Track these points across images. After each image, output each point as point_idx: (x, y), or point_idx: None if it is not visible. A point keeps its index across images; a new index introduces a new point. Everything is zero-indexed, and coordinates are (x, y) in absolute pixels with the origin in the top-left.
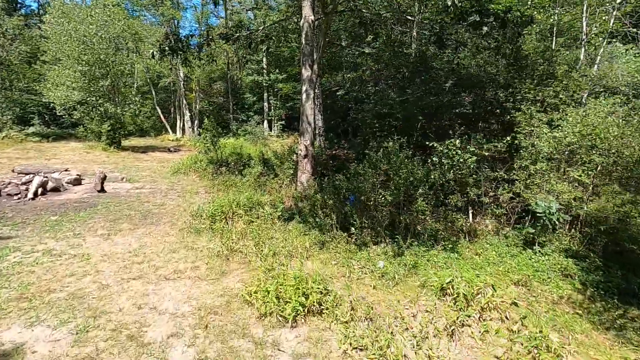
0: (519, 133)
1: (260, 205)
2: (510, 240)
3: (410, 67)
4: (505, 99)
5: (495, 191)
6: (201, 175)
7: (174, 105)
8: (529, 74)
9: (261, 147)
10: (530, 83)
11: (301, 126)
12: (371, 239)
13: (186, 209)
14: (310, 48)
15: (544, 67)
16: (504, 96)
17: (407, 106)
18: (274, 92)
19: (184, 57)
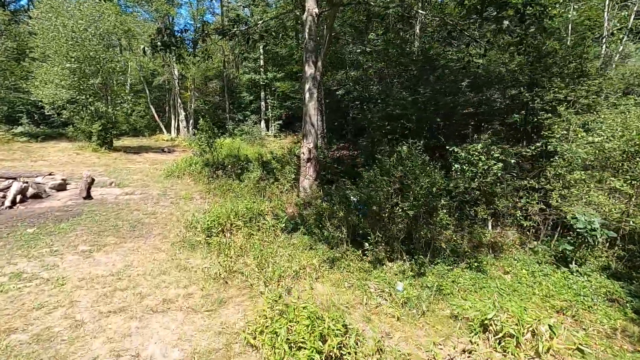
0: (550, 137)
1: (261, 215)
2: (540, 256)
3: (418, 65)
4: (530, 99)
5: (519, 200)
6: (196, 179)
7: (169, 104)
8: (557, 72)
9: (259, 148)
10: (561, 82)
11: (304, 128)
12: (386, 255)
13: (179, 218)
14: (314, 44)
15: (575, 64)
16: (530, 96)
17: (420, 106)
18: (271, 91)
19: (177, 53)
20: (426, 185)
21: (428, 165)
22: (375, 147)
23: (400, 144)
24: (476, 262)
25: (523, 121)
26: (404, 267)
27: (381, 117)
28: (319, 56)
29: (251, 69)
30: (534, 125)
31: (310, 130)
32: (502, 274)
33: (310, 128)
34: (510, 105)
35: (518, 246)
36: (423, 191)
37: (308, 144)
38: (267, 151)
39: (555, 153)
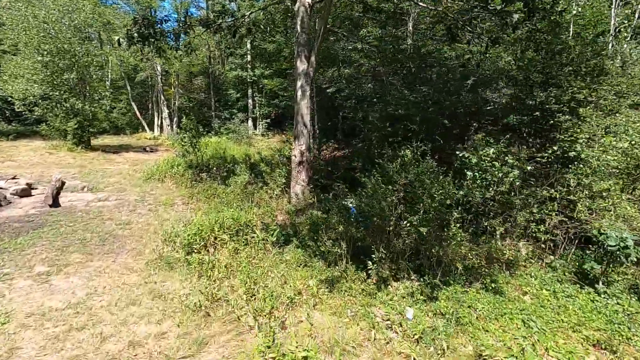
0: (569, 141)
1: (249, 226)
2: (559, 274)
3: (416, 62)
4: (545, 99)
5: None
6: (178, 182)
7: (152, 101)
8: (574, 70)
9: (246, 148)
10: (581, 80)
11: (295, 128)
12: (390, 273)
13: (157, 229)
14: (307, 37)
15: (596, 62)
16: (544, 96)
17: (424, 107)
18: (258, 89)
19: (157, 45)
20: (439, 197)
21: (440, 174)
22: (373, 150)
23: (403, 148)
24: (492, 281)
25: (529, 123)
26: (412, 289)
27: (380, 117)
28: (312, 51)
29: (238, 65)
30: (537, 128)
31: (302, 130)
32: (520, 294)
33: (302, 129)
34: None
35: (532, 260)
36: (435, 203)
37: (300, 146)
38: (255, 151)
39: (573, 159)
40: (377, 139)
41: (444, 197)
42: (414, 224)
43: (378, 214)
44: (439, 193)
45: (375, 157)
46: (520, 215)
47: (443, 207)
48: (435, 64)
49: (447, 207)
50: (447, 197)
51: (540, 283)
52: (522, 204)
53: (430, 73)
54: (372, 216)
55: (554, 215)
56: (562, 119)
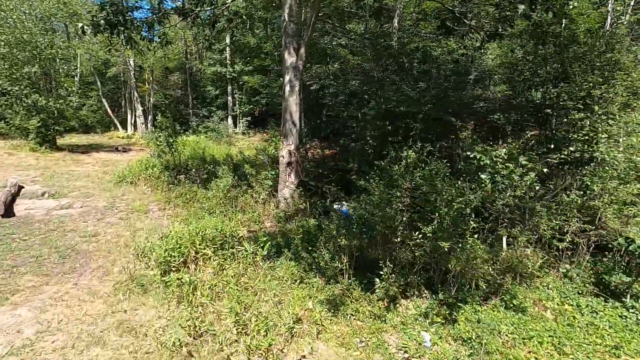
0: (584, 141)
1: (234, 237)
2: (579, 285)
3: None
4: (556, 95)
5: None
6: (153, 186)
7: (125, 98)
8: (589, 64)
9: (227, 147)
10: (599, 76)
11: (283, 126)
12: (398, 289)
13: (129, 242)
14: (296, 27)
15: (612, 55)
16: (556, 92)
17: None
18: (239, 85)
19: (127, 35)
20: (458, 206)
21: (457, 178)
22: (369, 150)
23: (405, 148)
24: (512, 297)
25: (517, 122)
26: (425, 308)
27: (377, 114)
28: (301, 42)
29: (217, 60)
30: (529, 126)
31: (290, 129)
32: (541, 310)
33: (290, 127)
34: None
35: (547, 270)
36: (453, 212)
37: (288, 146)
38: (236, 151)
39: (589, 160)
40: (373, 138)
41: (463, 205)
42: (429, 236)
43: (384, 222)
44: (458, 201)
45: (372, 158)
46: (544, 222)
47: (461, 216)
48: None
49: (463, 216)
50: (466, 204)
51: (560, 296)
52: (544, 210)
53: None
54: (376, 225)
55: (574, 221)
56: (578, 117)
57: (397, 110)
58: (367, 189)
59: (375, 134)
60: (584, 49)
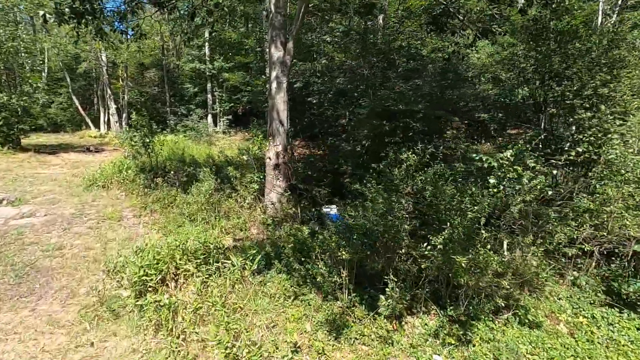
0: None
1: (219, 251)
2: (590, 294)
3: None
4: (560, 93)
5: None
6: (128, 190)
7: (97, 95)
8: (594, 61)
9: (207, 147)
10: (607, 73)
11: (270, 126)
12: (404, 305)
13: (99, 256)
14: (283, 19)
15: (619, 52)
16: (560, 91)
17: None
18: (218, 83)
19: (97, 26)
20: (473, 215)
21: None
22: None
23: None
24: (526, 311)
25: (546, 122)
26: (434, 326)
27: (372, 113)
28: (289, 35)
29: (195, 57)
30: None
31: (278, 129)
32: (554, 324)
33: (278, 126)
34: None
35: (554, 278)
36: (467, 222)
37: (276, 147)
38: (217, 150)
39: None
40: (367, 139)
41: (479, 214)
42: (440, 248)
43: (387, 233)
44: (475, 210)
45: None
46: (560, 231)
47: (476, 225)
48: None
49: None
50: (481, 212)
51: (573, 307)
52: (558, 218)
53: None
54: (379, 235)
55: (586, 227)
56: (586, 116)
57: (396, 108)
58: (363, 194)
59: (369, 133)
60: (588, 45)
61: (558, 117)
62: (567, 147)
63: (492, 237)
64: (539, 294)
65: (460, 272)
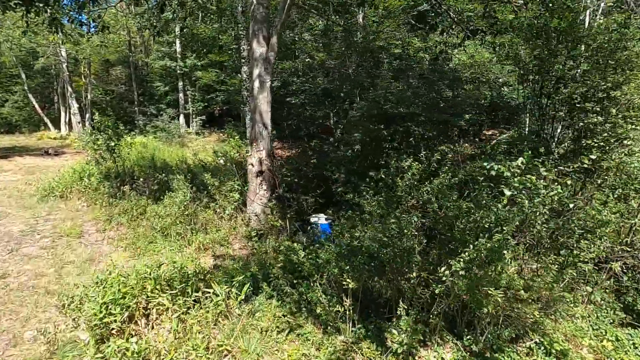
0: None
1: (199, 276)
2: (609, 313)
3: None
4: (567, 95)
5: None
6: (91, 199)
7: (57, 93)
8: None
9: (179, 150)
10: (620, 75)
11: (252, 129)
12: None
13: (51, 285)
14: (266, 11)
15: (628, 53)
16: (567, 93)
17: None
18: (191, 82)
19: (51, 15)
20: (501, 237)
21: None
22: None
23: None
24: (552, 340)
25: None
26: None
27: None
28: (272, 30)
29: (165, 54)
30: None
31: (261, 132)
32: (578, 350)
33: (261, 129)
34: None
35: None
36: (493, 243)
37: (259, 152)
38: (191, 153)
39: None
40: (360, 143)
41: (507, 234)
42: (461, 274)
43: (398, 256)
44: (504, 231)
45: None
46: (583, 245)
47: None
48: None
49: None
50: (509, 232)
51: (593, 328)
52: (582, 231)
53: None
54: (388, 257)
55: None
56: (598, 121)
57: (395, 111)
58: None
59: (364, 138)
60: (595, 45)
61: (560, 121)
62: (565, 150)
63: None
64: (557, 315)
65: (484, 301)
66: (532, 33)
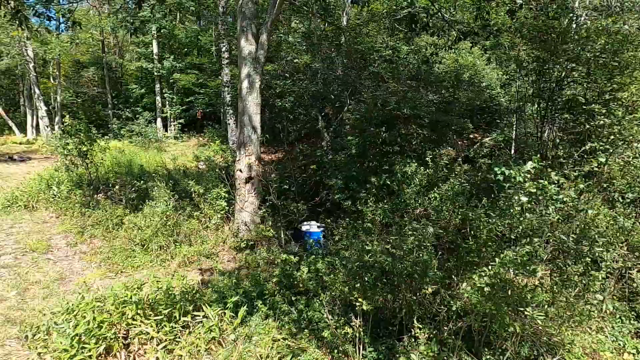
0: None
1: (187, 297)
2: (623, 322)
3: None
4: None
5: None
6: (60, 209)
7: (23, 95)
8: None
9: (157, 155)
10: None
11: (240, 132)
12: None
13: (13, 312)
14: (255, 6)
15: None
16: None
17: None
18: (169, 84)
19: (14, 7)
20: (528, 249)
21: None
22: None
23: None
24: (571, 355)
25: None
26: None
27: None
28: (262, 27)
29: (142, 55)
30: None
31: (250, 136)
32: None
33: (250, 133)
34: None
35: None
36: (521, 257)
37: (248, 157)
38: (170, 158)
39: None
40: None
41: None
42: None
43: (415, 272)
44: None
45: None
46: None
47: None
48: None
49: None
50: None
51: (611, 340)
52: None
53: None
54: (404, 274)
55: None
56: (607, 123)
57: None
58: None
59: (363, 141)
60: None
61: (554, 123)
62: (564, 153)
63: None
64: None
65: (509, 319)
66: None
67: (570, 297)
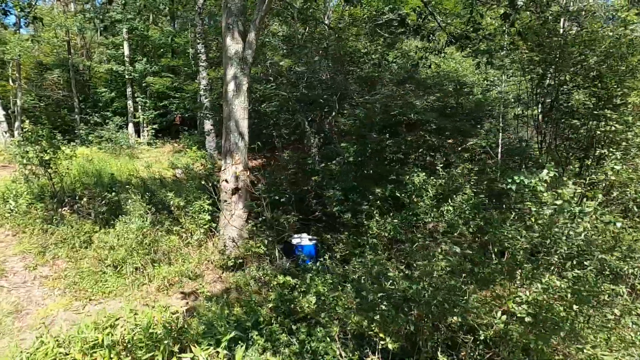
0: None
1: (171, 333)
2: None
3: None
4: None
5: None
6: (18, 225)
7: None
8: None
9: (129, 162)
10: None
11: (226, 139)
12: None
13: None
14: (242, 2)
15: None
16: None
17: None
18: (141, 88)
19: None
20: (587, 272)
21: None
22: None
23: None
24: None
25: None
26: None
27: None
28: (252, 24)
29: (112, 57)
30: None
31: (236, 142)
32: None
33: (236, 140)
34: None
35: None
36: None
37: (235, 166)
38: (143, 166)
39: None
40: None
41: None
42: (527, 321)
43: (446, 301)
44: (588, 263)
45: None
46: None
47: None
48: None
49: None
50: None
51: None
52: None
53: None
54: (435, 303)
55: None
56: (619, 129)
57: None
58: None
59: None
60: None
61: (555, 129)
62: (567, 160)
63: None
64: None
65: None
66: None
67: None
